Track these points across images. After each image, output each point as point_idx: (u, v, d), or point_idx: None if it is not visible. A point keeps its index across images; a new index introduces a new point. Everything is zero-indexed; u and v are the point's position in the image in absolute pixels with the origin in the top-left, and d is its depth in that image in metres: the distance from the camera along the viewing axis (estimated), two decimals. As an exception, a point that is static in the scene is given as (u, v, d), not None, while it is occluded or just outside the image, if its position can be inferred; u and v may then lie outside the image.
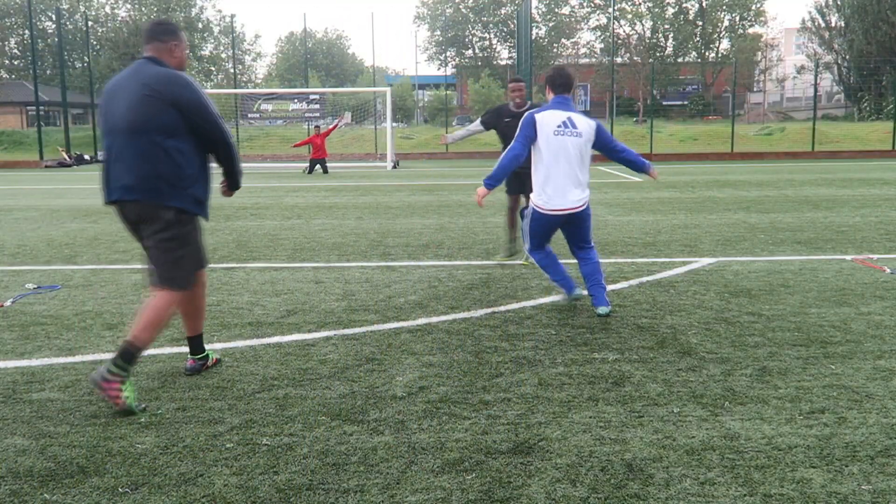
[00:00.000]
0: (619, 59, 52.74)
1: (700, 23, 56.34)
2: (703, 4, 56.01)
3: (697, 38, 56.80)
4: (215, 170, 3.87)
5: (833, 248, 7.73)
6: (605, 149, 5.34)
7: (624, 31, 56.50)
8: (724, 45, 57.83)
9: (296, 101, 30.53)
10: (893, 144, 27.44)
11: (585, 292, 5.36)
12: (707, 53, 57.52)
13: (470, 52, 65.04)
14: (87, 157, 28.41)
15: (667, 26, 56.81)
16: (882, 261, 7.01)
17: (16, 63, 56.56)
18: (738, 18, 56.48)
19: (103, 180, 3.72)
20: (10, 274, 6.84)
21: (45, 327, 4.96)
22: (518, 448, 3.07)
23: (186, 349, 4.15)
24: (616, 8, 51.69)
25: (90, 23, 46.48)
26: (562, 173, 5.07)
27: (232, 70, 45.04)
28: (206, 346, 4.15)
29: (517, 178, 6.68)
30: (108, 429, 3.29)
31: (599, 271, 5.27)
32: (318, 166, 21.55)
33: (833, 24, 48.40)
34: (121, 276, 6.65)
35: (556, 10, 59.03)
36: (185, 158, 3.62)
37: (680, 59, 57.89)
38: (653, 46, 56.91)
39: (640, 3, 56.51)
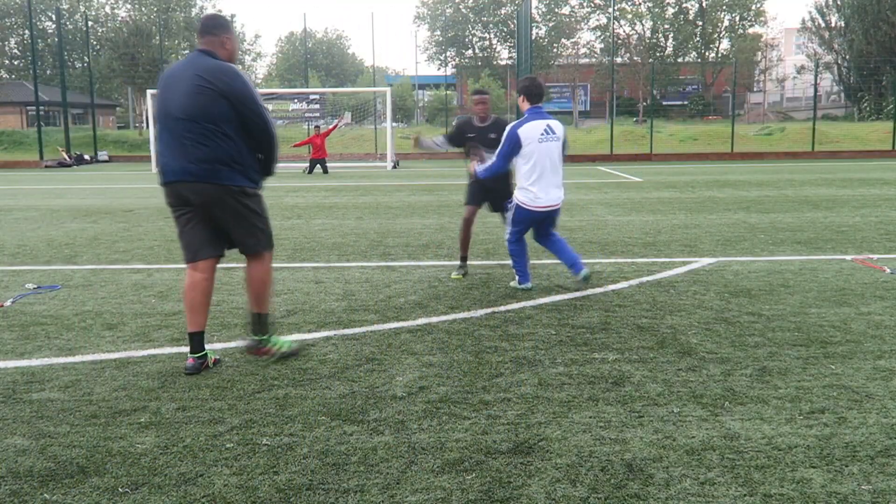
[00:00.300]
0: (619, 59, 52.73)
1: (700, 23, 56.33)
2: (703, 4, 56.00)
3: (697, 38, 56.79)
4: None
5: (833, 248, 7.73)
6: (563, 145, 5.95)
7: (624, 31, 56.51)
8: (724, 45, 57.83)
9: (296, 101, 30.52)
10: (893, 144, 27.43)
11: (530, 285, 6.02)
12: (707, 53, 57.51)
13: (470, 52, 65.03)
14: (87, 157, 28.40)
15: (667, 26, 56.80)
16: (882, 261, 7.01)
17: (16, 63, 56.57)
18: (738, 18, 56.47)
19: (159, 164, 4.01)
20: (10, 274, 6.84)
21: (45, 327, 4.97)
22: (518, 448, 3.07)
23: (187, 349, 4.15)
24: (616, 8, 51.69)
25: (90, 23, 46.47)
26: (547, 175, 5.71)
27: (232, 70, 44.99)
28: (206, 346, 4.15)
29: (480, 189, 6.38)
30: (108, 429, 3.29)
31: (567, 244, 6.01)
32: (318, 166, 21.55)
33: (833, 24, 48.38)
34: (121, 276, 6.65)
35: (556, 10, 59.00)
36: (235, 144, 3.90)
37: (680, 59, 57.87)
38: (653, 46, 56.89)
39: (640, 3, 56.50)
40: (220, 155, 3.86)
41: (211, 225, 4.02)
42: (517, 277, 6.06)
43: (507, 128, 5.76)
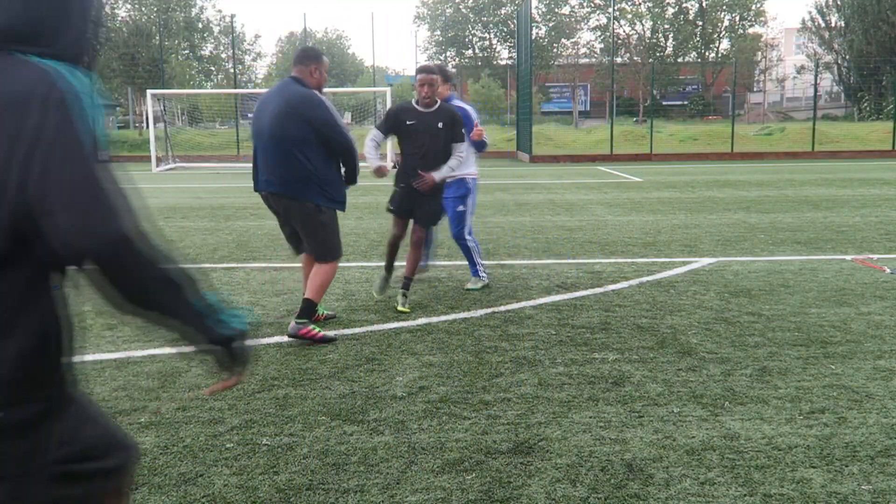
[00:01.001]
0: (619, 59, 52.73)
1: (700, 23, 56.32)
2: (703, 4, 55.99)
3: (697, 38, 56.77)
4: None
5: (833, 248, 7.73)
6: None
7: (624, 31, 56.50)
8: (724, 45, 57.81)
9: (296, 101, 30.44)
10: (893, 144, 27.42)
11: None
12: (707, 53, 57.50)
13: (470, 52, 65.01)
14: (87, 157, 28.38)
15: (667, 26, 56.77)
16: (882, 261, 7.01)
17: (16, 63, 56.50)
18: (738, 18, 56.45)
19: (253, 174, 4.66)
20: (10, 274, 6.83)
21: (45, 327, 4.96)
22: (518, 448, 3.07)
23: (186, 349, 4.16)
24: (616, 8, 51.69)
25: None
26: None
27: (232, 70, 45.03)
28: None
29: (409, 197, 5.36)
30: (108, 429, 3.29)
31: None
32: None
33: (833, 24, 48.37)
34: (121, 276, 6.64)
35: (556, 10, 59.00)
36: (313, 164, 4.38)
37: (680, 59, 57.85)
38: (653, 46, 56.88)
39: (640, 3, 56.51)
40: (297, 173, 4.37)
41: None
42: (482, 274, 6.07)
43: (469, 110, 5.84)
